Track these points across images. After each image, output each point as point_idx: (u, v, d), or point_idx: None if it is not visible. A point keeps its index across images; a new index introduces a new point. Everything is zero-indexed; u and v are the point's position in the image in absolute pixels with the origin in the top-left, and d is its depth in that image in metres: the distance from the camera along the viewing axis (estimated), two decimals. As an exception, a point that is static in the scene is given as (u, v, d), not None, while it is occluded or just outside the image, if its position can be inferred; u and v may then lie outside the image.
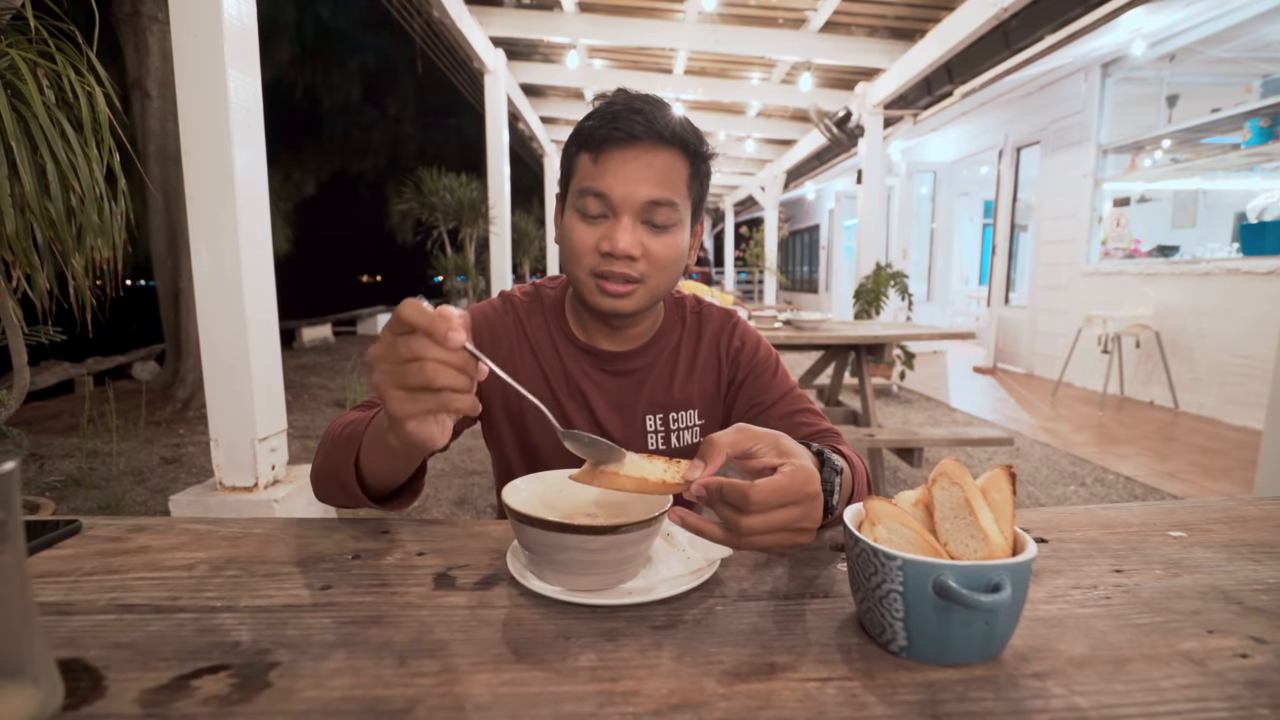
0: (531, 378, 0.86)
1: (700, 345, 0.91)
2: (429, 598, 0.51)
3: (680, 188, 0.78)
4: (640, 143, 0.75)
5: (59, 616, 0.48)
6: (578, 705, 0.38)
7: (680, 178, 0.78)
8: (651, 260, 0.77)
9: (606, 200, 0.75)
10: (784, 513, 0.49)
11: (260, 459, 1.99)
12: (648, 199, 0.75)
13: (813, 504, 0.51)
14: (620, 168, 0.75)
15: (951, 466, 0.46)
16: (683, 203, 0.78)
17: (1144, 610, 0.49)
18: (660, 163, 0.76)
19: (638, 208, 0.75)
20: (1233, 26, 4.34)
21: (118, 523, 0.66)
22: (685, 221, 0.80)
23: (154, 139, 5.05)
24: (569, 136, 0.82)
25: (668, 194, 0.76)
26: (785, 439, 0.55)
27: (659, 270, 0.78)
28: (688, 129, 0.78)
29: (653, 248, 0.77)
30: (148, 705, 0.37)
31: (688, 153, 0.78)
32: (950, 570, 0.40)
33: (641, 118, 0.75)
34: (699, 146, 0.79)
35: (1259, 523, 0.67)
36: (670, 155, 0.76)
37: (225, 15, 1.86)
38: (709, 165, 0.82)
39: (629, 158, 0.75)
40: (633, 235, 0.75)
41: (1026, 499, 2.96)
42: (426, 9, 4.50)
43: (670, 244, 0.78)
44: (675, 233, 0.78)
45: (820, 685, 0.40)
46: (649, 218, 0.76)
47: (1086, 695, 0.39)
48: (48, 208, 1.45)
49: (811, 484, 0.51)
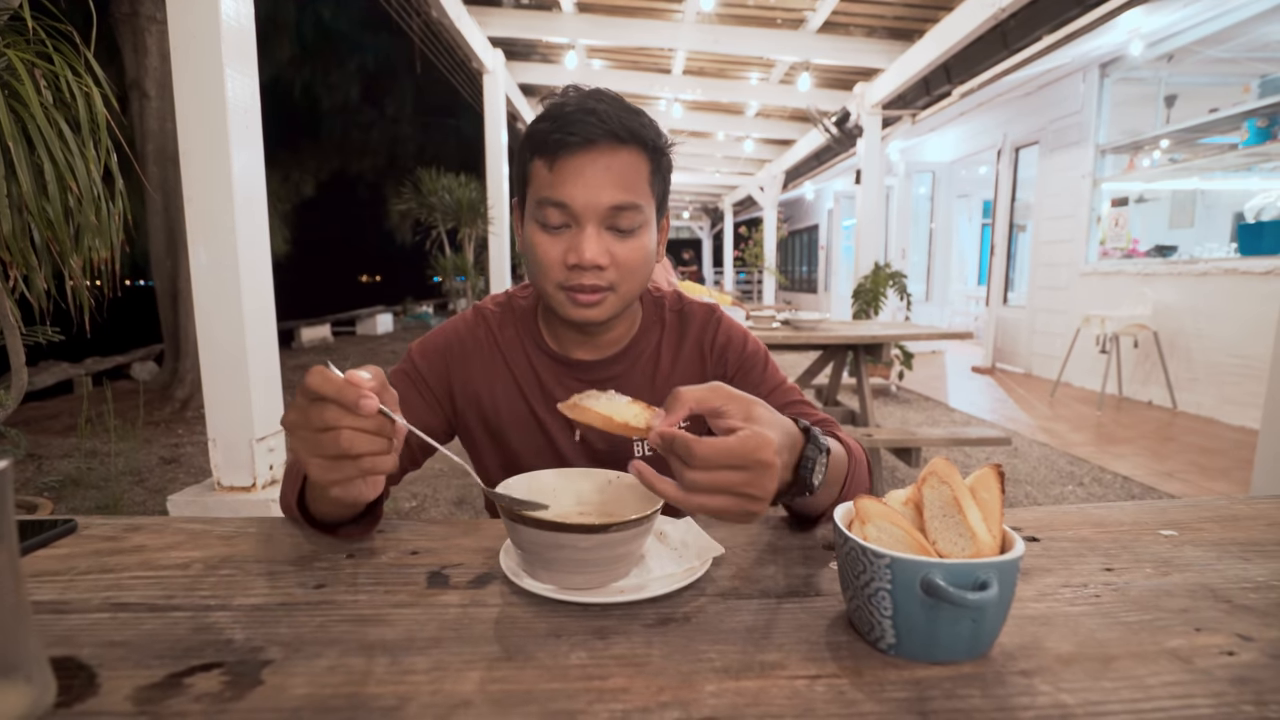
0: (506, 391, 0.84)
1: (683, 345, 0.89)
2: (422, 596, 0.51)
3: (643, 187, 0.75)
4: (596, 145, 0.72)
5: (54, 615, 0.48)
6: (568, 703, 0.38)
7: (641, 176, 0.75)
8: (620, 266, 0.75)
9: (567, 210, 0.72)
10: (729, 475, 0.48)
11: (258, 459, 1.99)
12: (610, 204, 0.72)
13: (763, 473, 0.49)
14: (579, 174, 0.72)
15: (941, 465, 0.46)
16: (647, 203, 0.76)
17: (1133, 608, 0.49)
18: (620, 164, 0.73)
19: (601, 214, 0.73)
20: (1231, 26, 4.34)
21: (113, 522, 0.67)
22: (651, 221, 0.78)
23: (152, 139, 5.05)
24: (521, 141, 0.78)
25: (630, 197, 0.73)
26: (761, 407, 0.53)
27: (628, 275, 0.76)
28: (645, 124, 0.75)
29: (620, 254, 0.74)
30: (140, 703, 0.38)
31: (647, 149, 0.75)
32: (938, 568, 0.40)
33: (595, 118, 0.71)
34: (657, 141, 0.76)
35: (1250, 521, 0.68)
36: (629, 154, 0.73)
37: (223, 15, 1.86)
38: (669, 158, 0.80)
39: (586, 162, 0.72)
40: (598, 244, 0.73)
41: (1024, 499, 2.96)
42: (425, 9, 4.50)
43: (637, 247, 0.75)
44: (642, 235, 0.76)
45: (809, 683, 0.40)
46: (613, 223, 0.74)
47: (1073, 693, 0.39)
48: (45, 208, 1.45)
49: (763, 451, 0.48)
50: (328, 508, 0.60)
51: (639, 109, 0.76)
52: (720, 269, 18.09)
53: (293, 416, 0.49)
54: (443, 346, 0.85)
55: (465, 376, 0.84)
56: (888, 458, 3.53)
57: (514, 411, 0.84)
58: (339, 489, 0.49)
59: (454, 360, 0.84)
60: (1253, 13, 4.10)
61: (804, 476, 0.56)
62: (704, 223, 20.22)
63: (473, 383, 0.84)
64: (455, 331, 0.86)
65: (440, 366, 0.84)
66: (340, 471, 0.48)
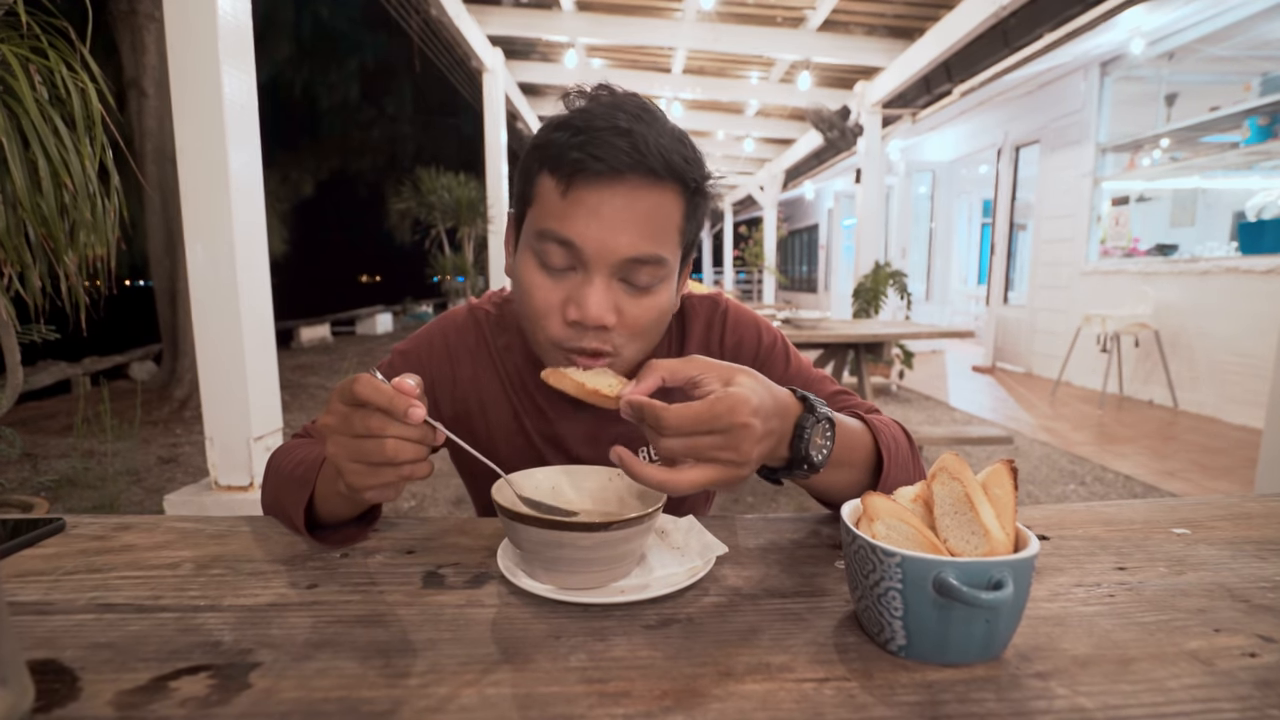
0: (495, 400, 0.77)
1: (686, 349, 0.78)
2: (417, 596, 0.50)
3: (671, 235, 0.62)
4: (624, 179, 0.58)
5: (37, 616, 0.46)
6: (567, 707, 0.37)
7: (672, 222, 0.62)
8: (629, 327, 0.62)
9: (575, 251, 0.59)
10: (703, 440, 0.46)
11: (256, 458, 1.97)
12: (628, 256, 0.59)
13: (740, 434, 0.46)
14: (596, 210, 0.58)
15: (951, 461, 0.45)
16: (672, 254, 0.63)
17: (1149, 608, 0.48)
18: (648, 205, 0.59)
19: (614, 265, 0.60)
20: (1231, 25, 4.33)
21: (103, 521, 0.65)
22: (673, 275, 0.65)
23: (150, 138, 5.04)
24: (530, 147, 0.64)
25: (654, 249, 0.60)
26: (745, 374, 0.49)
27: (636, 338, 0.63)
28: (687, 154, 0.61)
29: (631, 312, 0.62)
30: (122, 707, 0.36)
31: (686, 189, 0.62)
32: (951, 567, 0.39)
33: (627, 142, 0.57)
34: (700, 179, 0.63)
35: (1263, 519, 0.66)
36: (662, 194, 0.60)
37: (220, 13, 1.85)
38: (709, 197, 0.66)
39: (607, 197, 0.58)
40: (606, 298, 0.60)
41: (1026, 498, 2.95)
42: (424, 7, 4.49)
43: (652, 306, 0.63)
44: (660, 293, 0.63)
45: (817, 686, 0.39)
46: (628, 276, 0.61)
47: (1091, 696, 0.38)
48: (39, 204, 1.44)
49: (737, 414, 0.46)
50: (342, 507, 0.58)
51: (684, 134, 0.63)
52: (720, 269, 18.07)
53: (334, 422, 0.48)
54: (434, 348, 0.78)
55: (454, 380, 0.77)
56: (889, 457, 3.52)
57: (502, 421, 0.77)
58: (374, 492, 0.48)
59: (440, 365, 0.76)
60: (1253, 10, 4.09)
61: (799, 448, 0.52)
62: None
63: (461, 391, 0.77)
64: (445, 333, 0.78)
65: (428, 368, 0.76)
66: (379, 477, 0.47)
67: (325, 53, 16.13)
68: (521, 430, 0.77)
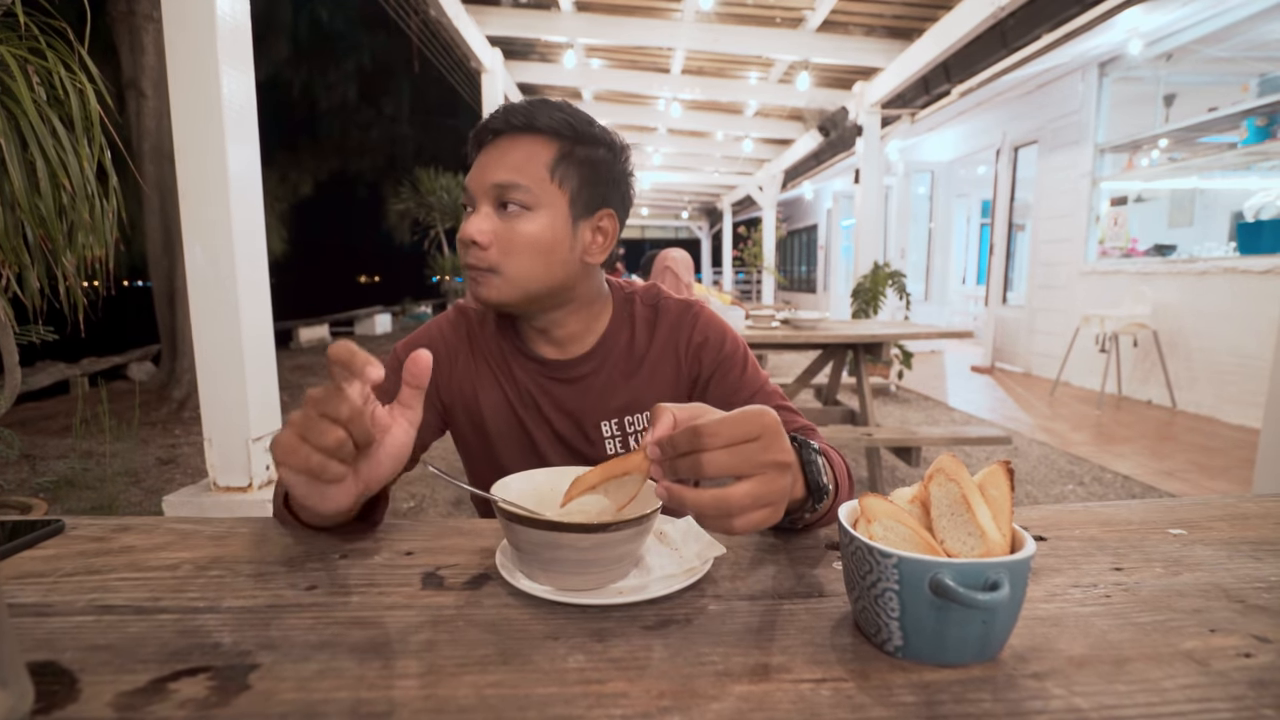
0: (489, 389, 0.85)
1: (654, 341, 0.86)
2: (416, 598, 0.50)
3: (539, 170, 0.75)
4: (502, 135, 0.76)
5: (36, 618, 0.46)
6: (566, 708, 0.37)
7: (540, 161, 0.75)
8: (502, 246, 0.75)
9: (467, 192, 0.77)
10: (746, 447, 0.46)
11: (254, 459, 1.97)
12: (494, 181, 0.74)
13: (775, 437, 0.47)
14: (482, 160, 0.76)
15: (948, 463, 0.45)
16: (538, 186, 0.75)
17: (1144, 609, 0.48)
18: (518, 149, 0.75)
19: (488, 192, 0.75)
20: (1229, 25, 4.34)
21: (102, 522, 0.65)
22: (546, 207, 0.76)
23: (149, 138, 5.03)
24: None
25: (515, 177, 0.74)
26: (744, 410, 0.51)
27: (513, 257, 0.75)
28: (566, 114, 0.76)
29: (503, 233, 0.75)
30: (122, 709, 0.36)
31: (558, 136, 0.76)
32: (947, 568, 0.39)
33: (504, 113, 0.76)
34: (575, 129, 0.77)
35: (1259, 520, 0.67)
36: (531, 141, 0.75)
37: (219, 12, 1.85)
38: (600, 151, 0.79)
39: (491, 148, 0.76)
40: (480, 221, 0.75)
41: (1025, 498, 2.96)
42: (423, 8, 4.49)
43: (521, 231, 0.75)
44: (530, 219, 0.75)
45: (814, 686, 0.39)
46: (503, 199, 0.75)
47: (1087, 696, 0.38)
48: (38, 205, 1.44)
49: (766, 415, 0.47)
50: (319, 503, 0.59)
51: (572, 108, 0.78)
52: (719, 269, 18.07)
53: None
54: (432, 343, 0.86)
55: (451, 374, 0.85)
56: (888, 457, 3.52)
57: (497, 409, 0.85)
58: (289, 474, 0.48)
59: (440, 358, 0.84)
60: (1252, 11, 4.10)
61: (813, 477, 0.55)
62: (703, 223, 20.21)
63: (458, 380, 0.85)
64: (440, 330, 0.87)
65: None
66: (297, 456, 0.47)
67: (324, 53, 16.12)
68: (512, 413, 0.85)
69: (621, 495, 0.52)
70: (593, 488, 0.51)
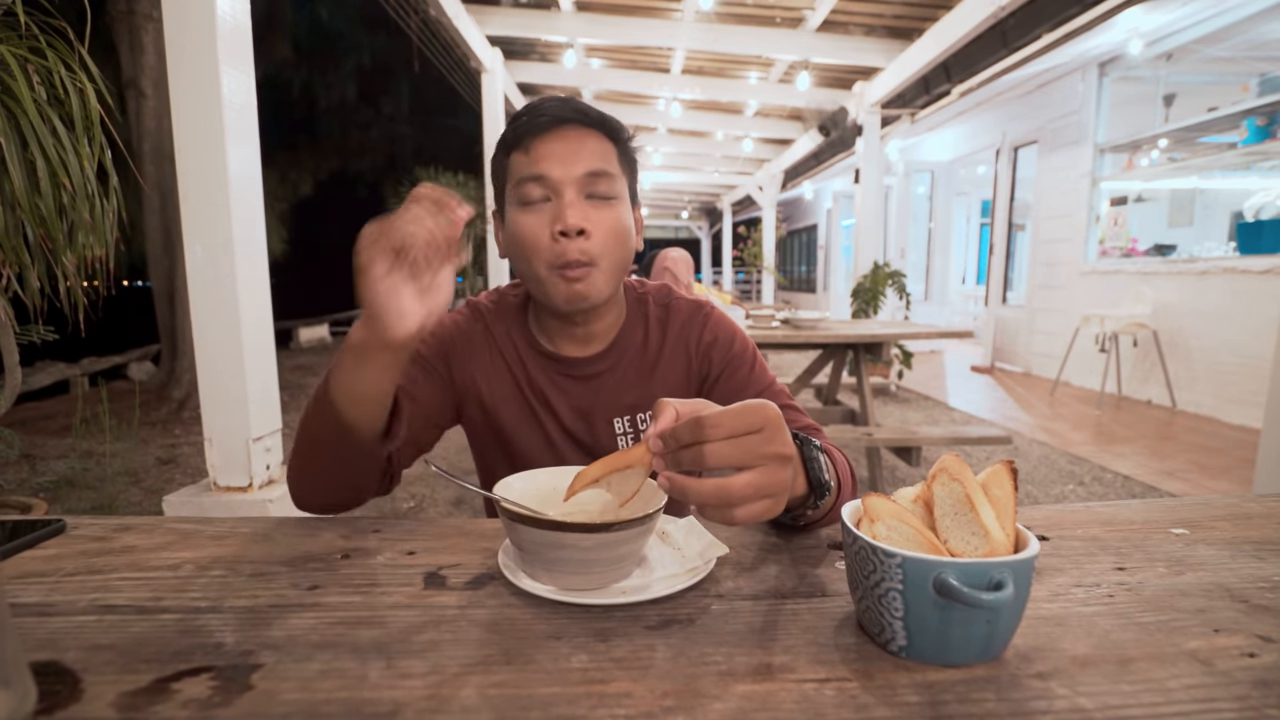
0: (504, 385, 0.85)
1: (666, 340, 0.87)
2: (418, 597, 0.50)
3: (614, 162, 0.77)
4: (567, 124, 0.75)
5: (38, 618, 0.46)
6: (569, 708, 0.37)
7: (611, 154, 0.77)
8: (602, 235, 0.75)
9: (546, 181, 0.74)
10: (748, 439, 0.46)
11: (255, 459, 1.97)
12: (586, 170, 0.74)
13: (777, 429, 0.47)
14: (552, 148, 0.74)
15: (952, 462, 0.45)
16: (619, 176, 0.78)
17: (1148, 609, 0.48)
18: (591, 139, 0.76)
19: (578, 181, 0.74)
20: (1230, 25, 4.34)
21: (103, 522, 0.65)
22: (625, 197, 0.79)
23: (149, 138, 5.03)
24: (495, 152, 0.81)
25: (605, 165, 0.75)
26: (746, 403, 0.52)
27: (609, 248, 0.76)
28: (607, 115, 0.79)
29: (600, 221, 0.75)
30: (124, 709, 0.36)
31: (612, 136, 0.78)
32: (951, 568, 0.39)
33: (557, 103, 0.76)
34: (620, 132, 0.80)
35: (1262, 520, 0.67)
36: (596, 136, 0.77)
37: (219, 12, 1.84)
38: (633, 152, 0.83)
39: (558, 138, 0.75)
40: (580, 209, 0.74)
41: (1025, 498, 2.96)
42: (423, 8, 4.48)
43: (617, 217, 0.77)
44: (619, 206, 0.77)
45: (818, 686, 0.39)
46: (592, 190, 0.75)
47: (1091, 696, 0.38)
48: (38, 204, 1.44)
49: (768, 408, 0.47)
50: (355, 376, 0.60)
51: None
52: (719, 269, 18.07)
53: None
54: (444, 337, 0.85)
55: (464, 367, 0.85)
56: (888, 457, 3.52)
57: (510, 404, 0.85)
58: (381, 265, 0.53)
59: (454, 351, 0.84)
60: (1252, 11, 4.10)
61: (815, 474, 0.55)
62: (703, 223, 20.20)
63: (471, 374, 0.85)
64: (455, 325, 0.86)
65: (442, 353, 0.84)
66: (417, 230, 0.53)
67: (324, 53, 16.08)
68: (527, 407, 0.85)
69: (625, 489, 0.52)
70: (596, 481, 0.51)
